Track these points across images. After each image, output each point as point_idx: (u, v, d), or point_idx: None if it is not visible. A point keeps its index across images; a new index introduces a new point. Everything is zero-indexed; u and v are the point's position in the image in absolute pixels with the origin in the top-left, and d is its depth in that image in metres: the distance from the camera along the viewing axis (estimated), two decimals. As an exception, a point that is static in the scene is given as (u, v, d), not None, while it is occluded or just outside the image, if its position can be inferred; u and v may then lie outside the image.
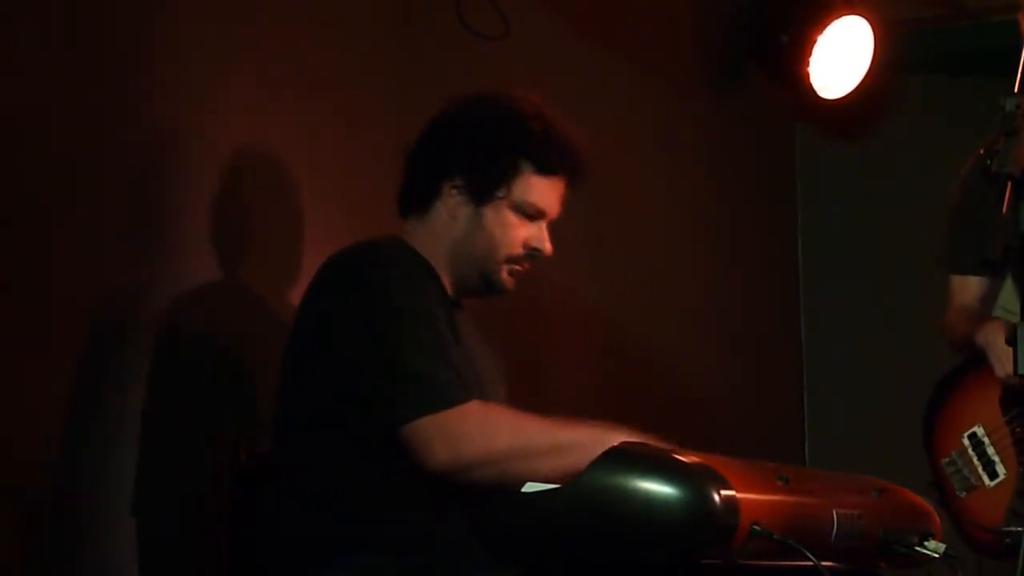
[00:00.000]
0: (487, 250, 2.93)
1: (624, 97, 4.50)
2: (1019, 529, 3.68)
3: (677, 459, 2.33)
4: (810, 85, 4.80)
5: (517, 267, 2.95)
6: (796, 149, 5.42)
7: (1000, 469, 3.78)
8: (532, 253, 2.95)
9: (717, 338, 4.81)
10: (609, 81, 4.43)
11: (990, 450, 3.80)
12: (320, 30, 3.42)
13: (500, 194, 2.91)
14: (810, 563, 2.37)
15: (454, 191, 2.92)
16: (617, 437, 2.55)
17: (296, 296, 2.93)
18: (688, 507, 2.29)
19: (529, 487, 2.44)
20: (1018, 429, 3.75)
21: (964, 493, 3.82)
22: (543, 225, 2.96)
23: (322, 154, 3.41)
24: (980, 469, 3.81)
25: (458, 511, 2.55)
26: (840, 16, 4.78)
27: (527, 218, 2.93)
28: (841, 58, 4.81)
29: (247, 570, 2.84)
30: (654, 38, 4.64)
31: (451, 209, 2.93)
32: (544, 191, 2.94)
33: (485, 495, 2.55)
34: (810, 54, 4.75)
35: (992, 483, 3.79)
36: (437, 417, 2.65)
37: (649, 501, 2.30)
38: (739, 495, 2.32)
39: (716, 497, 2.29)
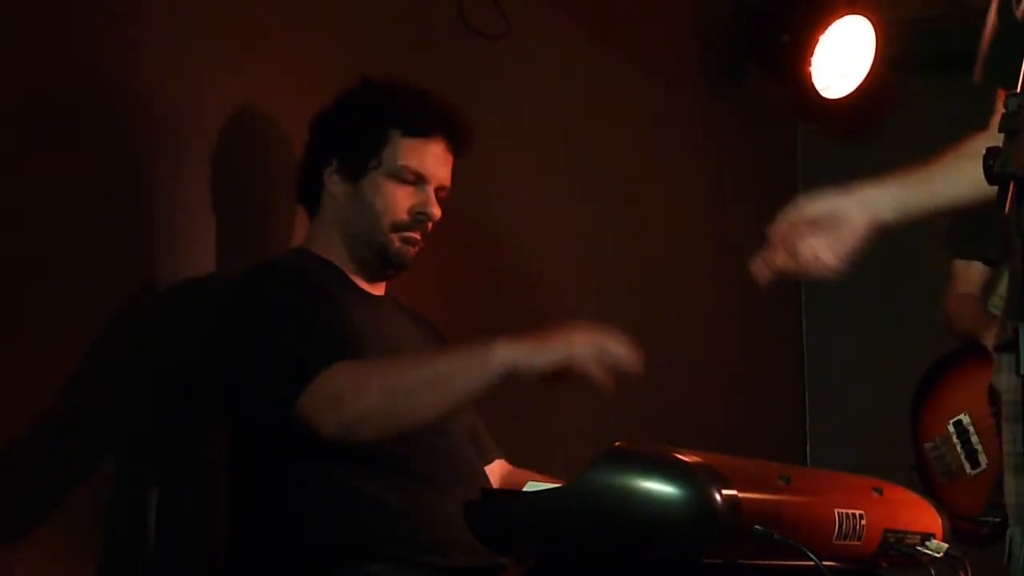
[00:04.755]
0: (372, 222, 2.96)
1: (624, 97, 4.50)
2: (996, 519, 3.69)
3: (678, 458, 2.33)
4: (812, 85, 4.80)
5: (410, 234, 2.97)
6: (797, 148, 5.42)
7: (982, 459, 3.79)
8: (419, 219, 2.96)
9: (718, 337, 4.81)
10: (609, 81, 4.42)
11: (974, 439, 3.81)
12: (320, 28, 3.42)
13: (372, 164, 2.95)
14: (811, 563, 2.37)
15: (334, 176, 2.98)
16: (499, 354, 2.57)
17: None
18: (689, 506, 2.28)
19: (530, 486, 2.44)
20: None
21: (945, 479, 3.83)
22: (429, 190, 2.97)
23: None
24: (963, 457, 3.82)
25: (459, 517, 2.55)
26: (842, 16, 4.78)
27: (406, 184, 2.95)
28: (843, 58, 4.81)
29: (246, 567, 2.84)
30: (655, 38, 4.64)
31: (334, 195, 2.99)
32: (417, 154, 2.96)
33: (485, 496, 2.55)
34: (812, 54, 4.75)
35: (973, 472, 3.80)
36: (308, 390, 2.65)
37: (650, 500, 2.29)
38: (740, 494, 2.32)
39: (717, 496, 2.29)
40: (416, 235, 2.97)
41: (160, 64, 3.02)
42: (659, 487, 2.30)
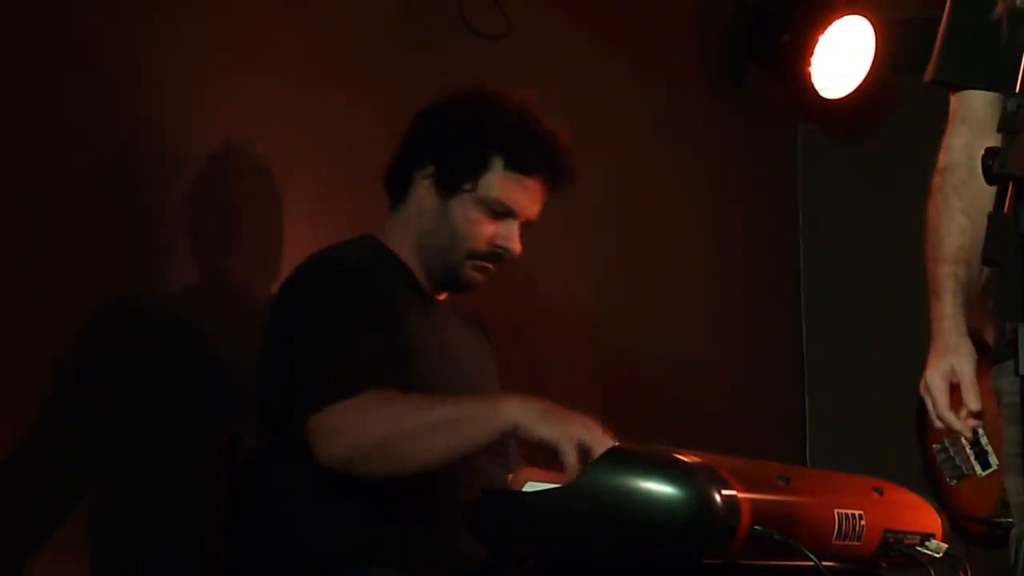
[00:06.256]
0: (450, 243, 2.90)
1: (625, 97, 4.50)
2: (1009, 520, 3.68)
3: (678, 458, 2.33)
4: (812, 85, 4.80)
5: (484, 264, 2.92)
6: (797, 148, 5.41)
7: (993, 459, 3.77)
8: (498, 252, 2.91)
9: (718, 337, 4.81)
10: (609, 81, 4.42)
11: (984, 440, 3.79)
12: (319, 27, 3.42)
13: (467, 187, 2.88)
14: (811, 563, 2.37)
15: (425, 181, 2.91)
16: (508, 411, 2.56)
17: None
18: (689, 507, 2.28)
19: (530, 486, 2.44)
20: None
21: (955, 482, 3.81)
22: (514, 224, 2.90)
23: (321, 152, 3.41)
24: (972, 458, 3.80)
25: (460, 518, 2.54)
26: (842, 16, 4.78)
27: (494, 215, 2.89)
28: (843, 58, 4.81)
29: (246, 568, 2.84)
30: (655, 38, 4.64)
31: (421, 199, 2.92)
32: (514, 189, 2.89)
33: (484, 496, 2.55)
34: (812, 54, 4.75)
35: (984, 473, 3.78)
36: (318, 415, 2.65)
37: (650, 501, 2.29)
38: (740, 495, 2.32)
39: (717, 497, 2.29)
40: (490, 265, 2.93)
41: (160, 64, 3.02)
42: (659, 487, 2.30)
